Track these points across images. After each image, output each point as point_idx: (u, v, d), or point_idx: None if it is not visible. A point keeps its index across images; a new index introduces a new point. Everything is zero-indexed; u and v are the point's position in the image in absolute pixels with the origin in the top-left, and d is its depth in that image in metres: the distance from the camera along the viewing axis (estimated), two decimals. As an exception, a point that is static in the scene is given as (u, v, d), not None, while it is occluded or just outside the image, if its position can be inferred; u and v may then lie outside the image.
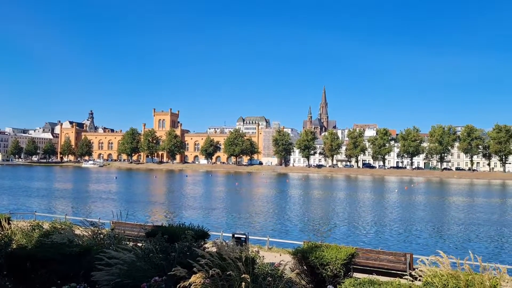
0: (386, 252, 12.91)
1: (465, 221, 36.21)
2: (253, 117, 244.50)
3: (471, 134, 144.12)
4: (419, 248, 23.12)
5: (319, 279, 9.96)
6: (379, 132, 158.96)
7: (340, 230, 30.72)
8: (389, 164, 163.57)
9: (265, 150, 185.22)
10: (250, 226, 30.68)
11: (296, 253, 10.36)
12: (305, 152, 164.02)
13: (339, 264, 9.51)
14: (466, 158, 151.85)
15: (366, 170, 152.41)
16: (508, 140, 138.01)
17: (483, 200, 57.97)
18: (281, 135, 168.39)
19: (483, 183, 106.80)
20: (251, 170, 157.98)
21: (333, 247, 10.28)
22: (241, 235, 14.33)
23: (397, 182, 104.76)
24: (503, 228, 33.11)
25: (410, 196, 61.88)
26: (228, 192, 63.16)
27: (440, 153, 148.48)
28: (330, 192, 66.61)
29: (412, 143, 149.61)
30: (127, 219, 17.96)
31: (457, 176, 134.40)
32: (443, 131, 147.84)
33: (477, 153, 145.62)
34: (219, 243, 9.64)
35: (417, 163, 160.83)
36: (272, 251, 17.91)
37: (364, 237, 27.72)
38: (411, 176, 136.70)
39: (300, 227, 31.49)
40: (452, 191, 77.51)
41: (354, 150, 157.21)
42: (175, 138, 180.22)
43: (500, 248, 25.31)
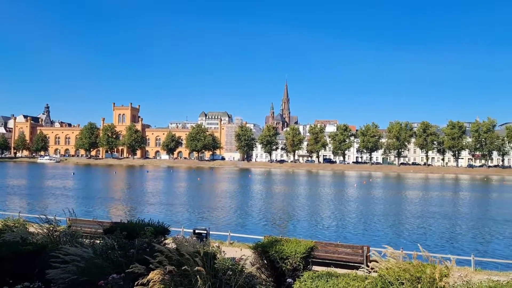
0: (344, 245, 13.22)
1: (420, 214, 37.54)
2: (215, 113, 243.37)
3: (427, 130, 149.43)
4: (376, 241, 23.76)
5: (279, 272, 10.08)
6: (340, 128, 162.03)
7: (301, 224, 31.16)
8: (349, 159, 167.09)
9: (227, 145, 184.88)
10: (211, 221, 30.60)
11: (257, 247, 10.43)
12: (267, 147, 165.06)
13: (299, 258, 9.66)
14: (421, 153, 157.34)
15: (327, 165, 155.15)
16: (460, 136, 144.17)
17: (437, 194, 60.31)
18: (243, 131, 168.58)
19: (437, 177, 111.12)
20: (214, 165, 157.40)
21: (292, 241, 10.42)
22: (202, 230, 14.30)
23: (357, 176, 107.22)
24: (455, 220, 34.57)
25: (368, 191, 63.51)
26: (190, 188, 62.70)
27: (397, 148, 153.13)
28: (291, 187, 67.37)
29: (371, 138, 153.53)
30: (84, 216, 17.52)
31: (413, 171, 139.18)
32: (401, 127, 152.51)
33: (432, 148, 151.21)
34: (179, 238, 9.56)
35: (376, 158, 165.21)
36: (234, 246, 17.97)
37: (324, 231, 28.24)
38: (370, 171, 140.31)
39: (262, 222, 31.71)
40: (409, 185, 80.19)
41: (315, 146, 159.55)
42: (135, 133, 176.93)
43: (452, 240, 26.43)
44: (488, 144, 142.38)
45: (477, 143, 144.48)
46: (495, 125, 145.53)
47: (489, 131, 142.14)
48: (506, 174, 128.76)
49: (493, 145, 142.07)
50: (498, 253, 22.08)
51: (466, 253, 19.55)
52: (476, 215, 38.43)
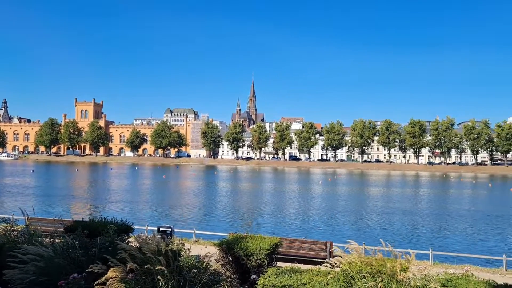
0: (308, 241, 13.42)
1: (382, 210, 38.50)
2: (181, 109, 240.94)
3: (389, 128, 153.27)
4: (340, 237, 24.19)
5: (244, 269, 10.13)
6: (305, 126, 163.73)
7: (267, 221, 31.34)
8: (314, 156, 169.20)
9: (193, 142, 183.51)
10: (177, 219, 30.35)
11: (222, 244, 10.44)
12: (234, 144, 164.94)
13: (263, 254, 9.73)
14: (384, 151, 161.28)
15: (293, 163, 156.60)
16: (421, 134, 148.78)
17: (398, 190, 62.03)
18: (209, 128, 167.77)
19: (399, 174, 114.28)
20: (179, 162, 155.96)
21: (257, 238, 10.49)
22: (167, 228, 14.16)
23: (322, 174, 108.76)
24: (415, 216, 35.64)
25: (333, 187, 64.56)
26: (154, 185, 61.89)
27: (361, 146, 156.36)
28: (257, 184, 67.64)
29: (335, 136, 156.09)
30: (44, 215, 17.00)
31: (376, 168, 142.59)
32: (364, 125, 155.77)
33: (394, 146, 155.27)
34: (143, 237, 9.44)
35: (340, 155, 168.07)
36: (199, 243, 17.90)
37: (289, 227, 28.52)
38: (334, 168, 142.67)
39: (228, 219, 31.70)
40: (372, 182, 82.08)
41: (281, 143, 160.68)
42: (98, 129, 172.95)
43: (412, 234, 27.26)
44: (447, 142, 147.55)
45: (436, 141, 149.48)
46: (453, 124, 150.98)
47: (448, 130, 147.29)
48: (463, 171, 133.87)
49: (451, 143, 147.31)
50: (455, 247, 22.95)
51: (425, 247, 20.21)
52: (435, 210, 39.78)
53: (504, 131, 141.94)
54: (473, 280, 7.39)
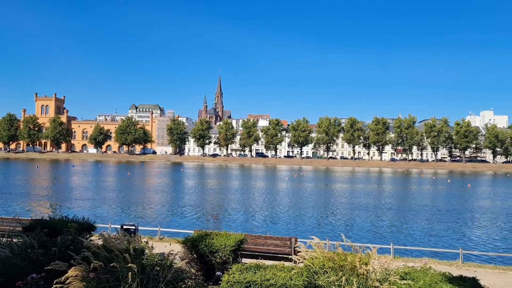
0: (273, 237, 13.52)
1: (346, 206, 39.24)
2: (146, 105, 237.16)
3: (354, 125, 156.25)
4: (305, 233, 24.52)
5: (208, 266, 10.13)
6: (272, 123, 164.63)
7: (233, 218, 31.36)
8: (280, 153, 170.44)
9: (159, 139, 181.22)
10: (141, 217, 29.93)
11: (186, 242, 10.40)
12: (200, 141, 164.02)
13: (228, 251, 9.76)
14: (349, 148, 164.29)
15: (259, 159, 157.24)
16: (384, 132, 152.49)
17: (362, 187, 63.36)
18: (175, 124, 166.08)
19: (363, 171, 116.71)
20: (144, 159, 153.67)
21: (222, 235, 10.50)
22: (131, 226, 13.96)
23: (288, 170, 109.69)
24: (378, 211, 36.53)
25: (299, 184, 65.26)
26: (118, 183, 60.73)
27: (326, 143, 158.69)
28: (224, 181, 67.53)
29: (302, 133, 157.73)
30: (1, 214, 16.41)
31: (341, 165, 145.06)
32: (330, 122, 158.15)
33: (359, 143, 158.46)
34: (106, 235, 9.27)
35: (306, 152, 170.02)
36: (164, 241, 17.74)
37: (255, 224, 28.65)
38: (300, 164, 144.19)
39: (193, 217, 31.52)
40: (336, 178, 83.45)
41: (248, 140, 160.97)
42: (60, 125, 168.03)
43: (375, 229, 27.93)
44: (409, 139, 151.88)
45: (399, 139, 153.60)
46: (415, 121, 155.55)
47: (410, 127, 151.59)
48: (424, 168, 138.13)
49: (413, 140, 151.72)
50: (415, 241, 23.70)
51: (387, 242, 20.76)
52: (397, 206, 40.88)
53: (463, 129, 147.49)
54: (430, 272, 7.67)
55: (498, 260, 18.41)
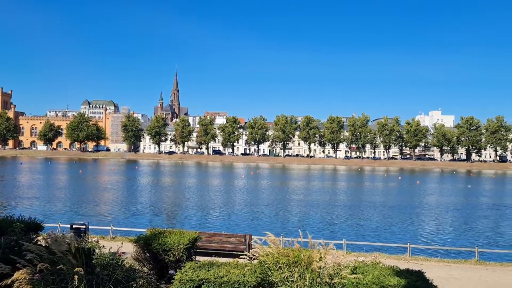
0: (228, 235, 13.52)
1: (302, 203, 39.83)
2: (100, 101, 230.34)
3: (310, 124, 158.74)
4: (261, 229, 24.65)
5: (162, 265, 9.97)
6: (229, 120, 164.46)
7: (188, 215, 31.09)
8: (237, 151, 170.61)
9: (113, 136, 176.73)
10: (93, 215, 29.05)
11: (139, 240, 10.19)
12: (156, 138, 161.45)
13: (182, 249, 9.65)
14: (305, 146, 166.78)
15: (216, 157, 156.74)
16: (339, 130, 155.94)
17: (317, 184, 64.55)
18: (130, 121, 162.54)
19: (318, 168, 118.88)
20: (98, 157, 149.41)
21: (176, 233, 10.37)
22: (81, 225, 13.52)
23: (245, 168, 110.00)
24: (333, 208, 37.33)
25: (255, 181, 65.58)
26: (70, 181, 58.70)
27: (283, 141, 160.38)
28: (180, 179, 66.79)
29: (259, 131, 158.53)
30: None
31: (297, 162, 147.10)
32: (286, 120, 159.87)
33: (314, 141, 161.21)
34: (53, 235, 8.92)
35: (263, 150, 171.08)
36: (116, 240, 17.32)
37: (211, 222, 28.54)
38: (257, 162, 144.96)
39: (148, 215, 30.98)
40: (293, 176, 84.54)
41: (205, 137, 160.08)
42: (7, 121, 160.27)
43: (329, 226, 28.53)
44: (362, 138, 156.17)
45: (353, 137, 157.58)
46: (368, 120, 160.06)
47: (363, 126, 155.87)
48: (376, 165, 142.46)
49: (366, 138, 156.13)
50: (367, 237, 24.41)
51: (340, 237, 21.23)
52: (350, 202, 41.95)
53: (413, 128, 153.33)
54: (379, 266, 7.91)
55: (444, 254, 19.27)
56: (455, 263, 15.14)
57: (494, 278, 12.60)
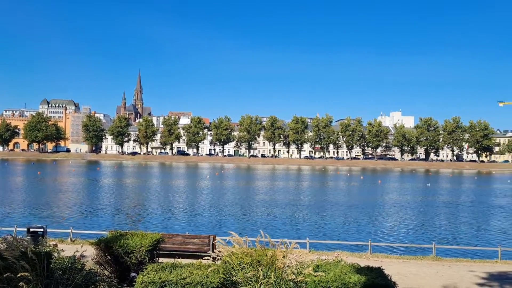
0: (191, 236, 13.44)
1: (266, 203, 40.03)
2: (60, 100, 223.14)
3: (274, 124, 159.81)
4: (225, 230, 24.63)
5: (123, 267, 9.80)
6: (194, 120, 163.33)
7: (151, 217, 30.66)
8: (202, 151, 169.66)
9: (73, 136, 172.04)
10: (52, 218, 28.18)
11: (100, 243, 9.97)
12: (119, 139, 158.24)
13: (144, 251, 9.52)
14: (270, 146, 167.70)
15: (181, 157, 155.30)
16: (303, 130, 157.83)
17: (282, 183, 65.10)
18: (92, 121, 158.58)
19: (283, 168, 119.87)
20: (57, 158, 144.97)
21: (138, 234, 10.22)
22: (38, 228, 13.07)
23: (210, 168, 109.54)
24: (296, 207, 37.73)
25: (220, 182, 65.44)
26: (28, 182, 56.62)
27: (248, 141, 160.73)
28: (143, 180, 65.76)
29: (224, 131, 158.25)
30: None
31: (262, 162, 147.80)
32: (251, 121, 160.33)
33: (279, 141, 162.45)
34: (9, 238, 8.60)
35: (228, 150, 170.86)
36: (76, 243, 16.87)
37: (175, 223, 28.26)
38: (222, 162, 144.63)
39: (109, 217, 30.32)
40: (258, 176, 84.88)
41: (169, 138, 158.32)
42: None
43: (293, 225, 28.83)
44: (326, 138, 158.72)
45: (317, 137, 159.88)
46: (331, 121, 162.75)
47: (327, 127, 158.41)
48: (339, 165, 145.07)
49: (329, 139, 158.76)
50: (330, 235, 24.82)
51: (303, 236, 21.48)
52: (314, 202, 42.54)
53: (374, 128, 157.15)
54: (341, 264, 8.09)
55: (404, 251, 19.85)
56: (414, 260, 15.64)
57: (450, 273, 13.10)
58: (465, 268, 14.08)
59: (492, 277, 12.80)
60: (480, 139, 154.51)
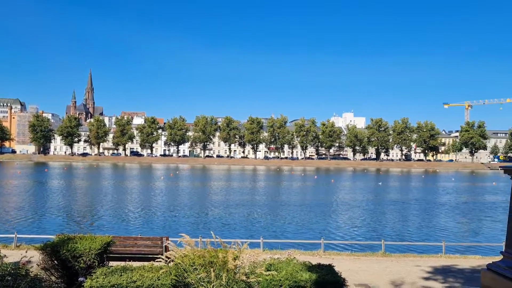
0: (143, 238, 13.19)
1: (221, 204, 39.95)
2: (4, 99, 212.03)
3: (230, 124, 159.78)
4: (180, 231, 24.30)
5: (72, 272, 9.48)
6: (147, 121, 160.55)
7: (103, 220, 29.82)
8: (156, 152, 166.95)
9: (19, 136, 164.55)
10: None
11: (46, 247, 9.58)
12: (68, 139, 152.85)
13: (93, 255, 9.25)
14: (225, 146, 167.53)
15: (134, 158, 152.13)
16: (258, 131, 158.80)
17: (237, 184, 65.17)
18: (39, 121, 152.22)
19: (239, 169, 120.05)
20: (2, 159, 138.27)
21: (87, 238, 9.91)
22: (-21, 234, 12.42)
23: (164, 169, 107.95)
24: (251, 207, 37.88)
25: (175, 183, 64.66)
26: (-32, 186, 53.53)
27: (203, 141, 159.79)
28: (94, 182, 63.81)
29: (178, 132, 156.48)
30: None
31: (217, 163, 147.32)
32: (206, 121, 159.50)
33: (235, 142, 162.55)
34: None
35: (183, 151, 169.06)
36: (20, 248, 16.12)
37: (128, 225, 27.65)
38: (177, 163, 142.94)
39: (57, 220, 29.18)
40: (213, 176, 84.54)
41: (122, 138, 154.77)
42: None
43: (248, 225, 28.94)
44: (281, 138, 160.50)
45: (272, 137, 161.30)
46: (286, 121, 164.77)
47: (282, 127, 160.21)
48: (294, 165, 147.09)
49: (284, 139, 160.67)
50: (284, 234, 25.12)
51: (258, 236, 21.62)
52: (269, 202, 42.88)
53: (328, 129, 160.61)
54: (293, 262, 8.23)
55: (355, 248, 20.41)
56: (364, 256, 16.12)
57: (397, 269, 13.61)
58: (412, 263, 14.67)
59: (436, 270, 13.42)
60: (427, 139, 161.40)
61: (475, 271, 13.02)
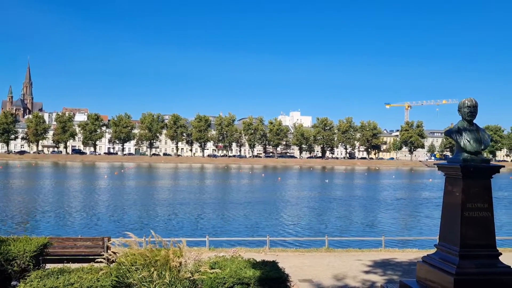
0: (83, 238, 12.75)
1: (168, 202, 39.42)
2: None
3: (177, 122, 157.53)
4: (123, 231, 23.70)
5: (4, 276, 8.98)
6: (91, 117, 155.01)
7: (40, 221, 28.49)
8: (100, 150, 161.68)
9: None
10: None
11: (-25, 251, 9.02)
12: (4, 136, 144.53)
13: (28, 257, 8.82)
14: (172, 144, 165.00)
15: (76, 156, 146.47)
16: (206, 129, 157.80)
17: (184, 182, 64.53)
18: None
19: (186, 167, 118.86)
20: None
21: (22, 240, 9.44)
22: None
23: (108, 167, 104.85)
24: (199, 206, 37.67)
25: (119, 181, 62.95)
26: None
27: (149, 139, 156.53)
28: (32, 181, 60.70)
29: (124, 129, 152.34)
30: None
31: (164, 161, 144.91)
32: (153, 118, 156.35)
33: (182, 140, 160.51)
34: None
35: (129, 149, 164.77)
36: None
37: (68, 226, 26.67)
38: (122, 161, 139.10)
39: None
40: (159, 175, 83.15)
41: (63, 135, 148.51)
42: None
43: (195, 223, 28.74)
44: (229, 137, 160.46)
45: (220, 136, 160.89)
46: (234, 119, 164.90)
47: (230, 125, 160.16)
48: (242, 163, 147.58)
49: (232, 137, 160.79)
50: (231, 232, 25.20)
51: (204, 234, 21.51)
52: (216, 200, 42.84)
53: (275, 127, 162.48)
54: (238, 260, 8.27)
55: (300, 244, 20.82)
56: (308, 252, 16.47)
57: (340, 264, 14.03)
58: (354, 257, 15.17)
59: (376, 264, 13.96)
60: (370, 138, 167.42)
61: (412, 263, 13.66)
